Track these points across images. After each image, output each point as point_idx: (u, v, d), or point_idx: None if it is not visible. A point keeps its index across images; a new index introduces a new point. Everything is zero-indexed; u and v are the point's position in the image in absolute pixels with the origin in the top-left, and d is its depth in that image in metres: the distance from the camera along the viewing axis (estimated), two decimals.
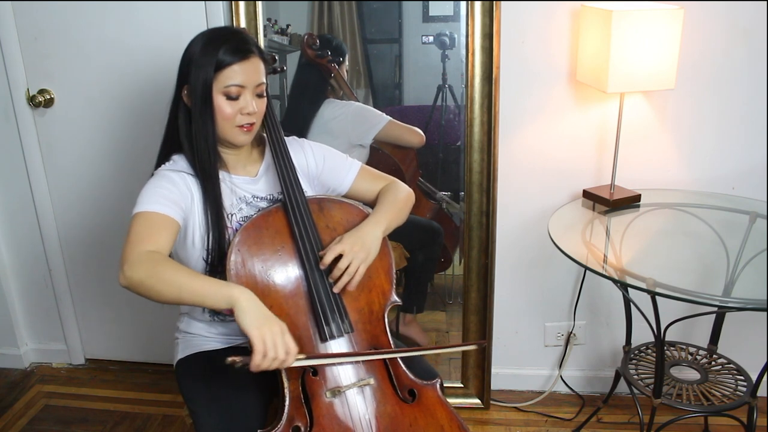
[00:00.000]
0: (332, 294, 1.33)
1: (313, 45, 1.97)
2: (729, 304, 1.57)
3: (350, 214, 1.43)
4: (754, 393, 1.72)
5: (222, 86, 1.32)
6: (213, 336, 1.50)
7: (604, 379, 2.22)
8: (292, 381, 1.28)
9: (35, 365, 2.55)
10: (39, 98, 2.16)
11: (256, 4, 1.93)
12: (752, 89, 1.93)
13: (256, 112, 1.36)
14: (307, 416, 1.27)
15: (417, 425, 1.33)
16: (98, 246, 2.35)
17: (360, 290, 1.37)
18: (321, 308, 1.32)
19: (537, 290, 2.20)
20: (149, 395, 2.35)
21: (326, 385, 1.30)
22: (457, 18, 1.93)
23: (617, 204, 1.91)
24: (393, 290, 1.42)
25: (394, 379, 1.36)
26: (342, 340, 1.33)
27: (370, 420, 1.29)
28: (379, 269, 1.40)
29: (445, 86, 2.00)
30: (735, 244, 1.75)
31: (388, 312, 1.41)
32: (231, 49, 1.31)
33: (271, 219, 1.36)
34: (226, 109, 1.34)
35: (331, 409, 1.28)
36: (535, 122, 2.02)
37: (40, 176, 2.28)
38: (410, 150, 2.07)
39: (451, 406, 1.37)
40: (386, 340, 1.39)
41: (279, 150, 1.42)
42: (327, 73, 2.01)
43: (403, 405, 1.34)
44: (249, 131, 1.37)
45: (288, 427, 1.26)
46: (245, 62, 1.32)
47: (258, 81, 1.35)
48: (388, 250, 1.42)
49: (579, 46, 1.88)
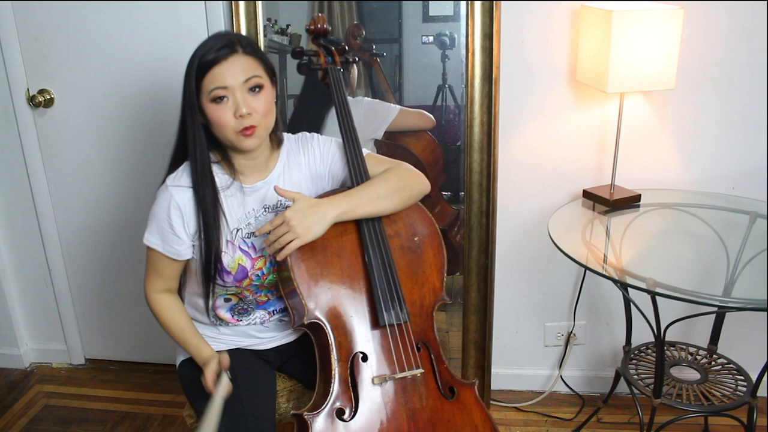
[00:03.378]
0: (394, 280, 1.35)
1: (359, 36, 1.95)
2: (729, 304, 1.57)
3: (410, 208, 1.44)
4: (754, 393, 1.72)
5: (207, 93, 1.29)
6: (216, 337, 1.50)
7: (604, 379, 2.22)
8: (341, 363, 1.32)
9: (35, 365, 2.55)
10: (39, 98, 2.16)
11: (256, 4, 1.93)
12: (752, 89, 1.93)
13: (254, 112, 1.30)
14: (353, 400, 1.30)
15: (454, 422, 1.36)
16: (98, 246, 2.35)
17: (413, 283, 1.40)
18: (381, 293, 1.34)
19: (537, 290, 2.20)
20: (149, 395, 2.35)
21: (374, 372, 1.32)
22: (457, 18, 1.93)
23: (617, 204, 1.91)
24: (443, 288, 1.45)
25: (437, 375, 1.38)
26: (394, 328, 1.35)
27: (413, 410, 1.32)
28: (432, 266, 1.43)
29: (445, 86, 2.00)
30: (735, 244, 1.75)
31: (436, 310, 1.43)
32: (209, 53, 1.28)
33: None
34: (217, 115, 1.29)
35: (377, 396, 1.32)
36: (535, 122, 2.02)
37: (40, 176, 2.28)
38: (438, 151, 2.06)
39: (485, 407, 1.41)
40: (433, 336, 1.42)
41: (349, 137, 1.42)
42: (367, 67, 1.99)
43: (443, 401, 1.37)
44: (252, 134, 1.31)
45: (333, 409, 1.29)
46: (225, 63, 1.28)
47: (244, 77, 1.29)
48: (442, 250, 1.45)
49: (579, 46, 1.88)
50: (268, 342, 1.51)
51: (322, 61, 1.57)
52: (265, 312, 1.48)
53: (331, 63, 1.57)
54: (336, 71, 1.55)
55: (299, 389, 1.56)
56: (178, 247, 1.38)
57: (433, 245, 1.45)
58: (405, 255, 1.41)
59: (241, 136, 1.31)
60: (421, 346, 1.39)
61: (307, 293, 1.31)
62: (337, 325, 1.33)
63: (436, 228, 1.46)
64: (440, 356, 1.41)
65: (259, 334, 1.50)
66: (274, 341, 1.52)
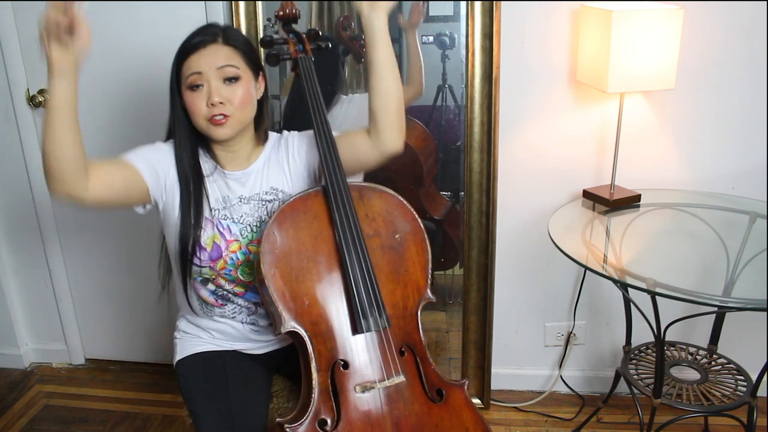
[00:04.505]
0: (372, 286, 1.30)
1: (348, 27, 1.92)
2: (729, 304, 1.57)
3: (390, 204, 1.38)
4: (754, 393, 1.72)
5: (185, 79, 1.33)
6: (213, 337, 1.50)
7: (604, 379, 2.22)
8: (321, 373, 1.27)
9: (35, 365, 2.55)
10: (39, 98, 2.16)
11: (256, 4, 1.94)
12: (752, 89, 1.93)
13: (227, 102, 1.32)
14: (335, 410, 1.26)
15: (443, 425, 1.31)
16: (98, 246, 2.35)
17: (395, 284, 1.35)
18: (359, 300, 1.28)
19: (537, 290, 2.20)
20: (149, 395, 2.35)
21: (356, 380, 1.28)
22: (457, 18, 1.93)
23: (617, 204, 1.91)
24: (428, 287, 1.39)
25: (423, 378, 1.33)
26: (374, 334, 1.30)
27: (398, 417, 1.27)
28: (416, 264, 1.38)
29: (445, 86, 2.00)
30: (735, 244, 1.75)
31: (421, 310, 1.38)
32: (191, 41, 1.33)
33: (309, 202, 1.33)
34: (191, 101, 1.33)
35: (360, 404, 1.27)
36: (535, 122, 2.02)
37: (40, 176, 2.26)
38: (431, 142, 2.04)
39: (476, 408, 1.36)
40: (418, 338, 1.36)
41: (322, 130, 1.37)
42: (358, 58, 1.98)
43: (431, 404, 1.32)
44: (222, 124, 1.32)
45: (314, 420, 1.24)
46: (203, 50, 1.32)
47: (219, 64, 1.31)
48: (425, 246, 1.39)
49: (579, 46, 1.88)
50: (263, 347, 1.50)
51: (293, 50, 1.47)
52: (245, 301, 1.45)
53: (301, 51, 1.47)
54: (308, 61, 1.46)
55: (299, 389, 1.55)
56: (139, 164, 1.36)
57: (416, 242, 1.38)
58: (385, 254, 1.35)
59: (211, 124, 1.33)
60: (405, 349, 1.33)
61: (283, 302, 1.27)
62: (316, 333, 1.28)
63: (418, 223, 1.40)
64: (426, 358, 1.35)
65: (253, 337, 1.49)
66: (269, 346, 1.51)
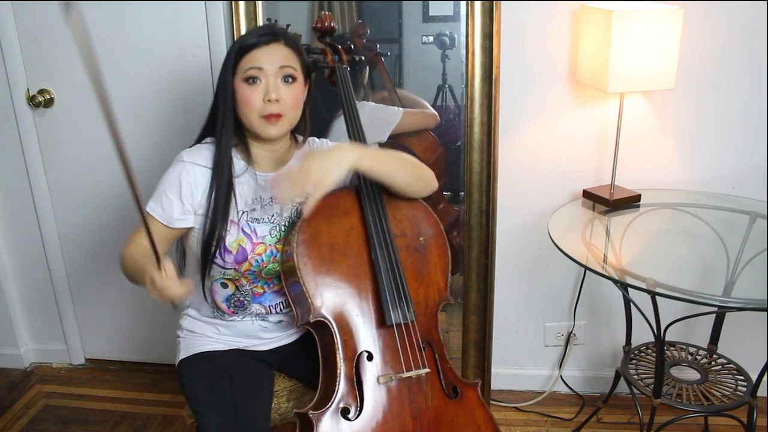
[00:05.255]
0: (401, 280, 1.35)
1: (364, 35, 1.93)
2: (729, 304, 1.57)
3: (415, 208, 1.45)
4: (754, 393, 1.72)
5: (242, 72, 1.32)
6: (216, 336, 1.50)
7: (604, 379, 2.22)
8: (347, 362, 1.31)
9: (35, 365, 2.55)
10: (39, 98, 2.16)
11: (256, 4, 1.93)
12: (752, 89, 1.93)
13: (282, 101, 1.33)
14: (358, 399, 1.30)
15: (457, 422, 1.37)
16: (98, 246, 2.35)
17: (419, 283, 1.41)
18: (389, 293, 1.34)
19: (537, 290, 2.20)
20: (149, 395, 2.35)
21: (380, 371, 1.32)
22: (457, 18, 1.93)
23: (617, 204, 1.91)
24: (448, 288, 1.45)
25: (441, 375, 1.39)
26: (401, 327, 1.35)
27: (417, 410, 1.32)
28: (437, 266, 1.44)
29: (445, 86, 2.00)
30: (735, 244, 1.75)
31: (440, 310, 1.44)
32: (252, 38, 1.33)
33: (342, 200, 1.39)
34: (246, 95, 1.32)
35: (382, 395, 1.31)
36: (535, 122, 2.02)
37: (40, 176, 2.28)
38: (440, 153, 2.05)
39: (489, 408, 1.42)
40: (437, 336, 1.42)
41: (356, 136, 1.42)
42: (371, 66, 1.97)
43: (447, 400, 1.38)
44: (276, 122, 1.33)
45: (338, 407, 1.29)
46: (265, 47, 1.33)
47: (280, 63, 1.33)
48: (446, 250, 1.45)
49: (579, 46, 1.88)
50: (268, 343, 1.51)
51: (329, 60, 1.57)
52: (261, 307, 1.46)
53: (338, 61, 1.57)
54: (343, 69, 1.55)
55: (299, 389, 1.55)
56: (172, 213, 1.37)
57: (438, 245, 1.45)
58: (410, 255, 1.41)
59: (264, 121, 1.34)
60: (425, 345, 1.38)
61: (314, 291, 1.31)
62: (343, 324, 1.33)
63: (441, 228, 1.46)
64: (444, 356, 1.41)
65: (261, 334, 1.49)
66: (275, 342, 1.51)
